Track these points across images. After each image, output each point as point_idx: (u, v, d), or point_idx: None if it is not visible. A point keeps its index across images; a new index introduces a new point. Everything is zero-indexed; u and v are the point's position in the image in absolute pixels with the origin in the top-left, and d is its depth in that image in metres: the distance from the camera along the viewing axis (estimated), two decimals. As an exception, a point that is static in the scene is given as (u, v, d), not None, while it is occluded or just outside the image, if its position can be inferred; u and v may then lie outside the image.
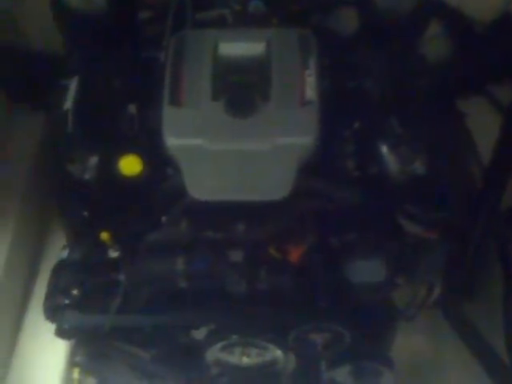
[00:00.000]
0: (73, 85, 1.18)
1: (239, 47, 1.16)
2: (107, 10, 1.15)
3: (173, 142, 1.09)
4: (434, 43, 1.29)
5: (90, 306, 1.18)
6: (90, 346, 1.25)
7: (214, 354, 1.24)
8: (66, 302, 1.17)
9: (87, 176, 1.13)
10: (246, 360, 1.25)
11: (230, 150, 1.08)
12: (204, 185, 1.07)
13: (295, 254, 1.15)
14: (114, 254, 1.19)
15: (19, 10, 1.54)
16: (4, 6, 1.52)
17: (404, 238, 1.15)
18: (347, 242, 1.16)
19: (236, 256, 1.13)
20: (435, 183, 1.14)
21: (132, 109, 1.16)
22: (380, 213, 1.14)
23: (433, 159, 1.13)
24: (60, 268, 1.20)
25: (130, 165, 1.12)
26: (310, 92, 1.11)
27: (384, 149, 1.13)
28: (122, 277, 1.17)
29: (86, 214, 1.17)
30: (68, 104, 1.16)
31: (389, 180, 1.13)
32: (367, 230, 1.15)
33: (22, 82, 1.51)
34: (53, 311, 1.18)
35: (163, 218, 1.15)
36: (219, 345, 1.22)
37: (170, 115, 1.11)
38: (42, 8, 1.28)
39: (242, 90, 1.11)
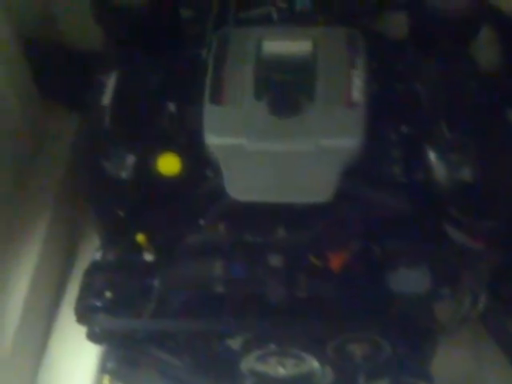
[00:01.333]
0: (111, 81, 1.15)
1: (284, 45, 1.12)
2: (149, 6, 1.13)
3: (213, 140, 1.06)
4: (487, 48, 1.24)
5: (123, 310, 1.14)
6: (121, 352, 1.22)
7: (249, 363, 1.20)
8: (99, 304, 1.14)
9: (123, 174, 1.10)
10: (281, 371, 1.21)
11: (272, 151, 1.05)
12: (244, 185, 1.04)
13: (336, 262, 1.11)
14: (149, 256, 1.16)
15: (57, 8, 1.53)
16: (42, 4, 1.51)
17: (450, 247, 1.11)
18: (390, 249, 1.11)
19: (275, 261, 1.09)
20: (484, 191, 1.09)
21: (172, 107, 1.13)
22: (425, 220, 1.10)
23: (482, 167, 1.08)
24: (93, 270, 1.17)
25: (168, 164, 1.08)
26: (357, 93, 1.08)
27: (432, 154, 1.09)
28: (156, 281, 1.13)
29: (120, 214, 1.14)
30: (106, 100, 1.14)
31: (436, 186, 1.08)
32: (411, 238, 1.11)
33: (58, 81, 1.49)
34: (84, 313, 1.15)
35: (201, 221, 1.12)
36: (255, 354, 1.18)
37: (210, 113, 1.08)
38: (78, 5, 1.27)
39: (285, 89, 1.08)
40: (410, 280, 1.09)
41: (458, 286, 1.13)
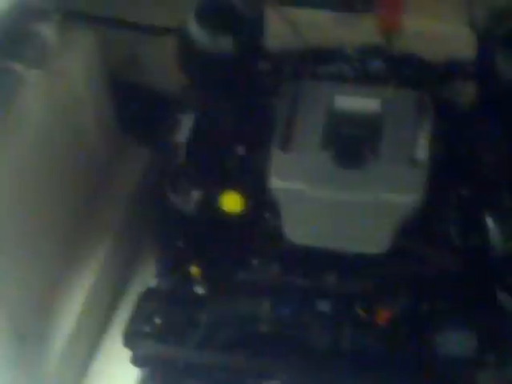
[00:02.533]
0: (187, 120, 1.21)
1: (355, 102, 1.17)
2: (233, 54, 1.17)
3: (277, 184, 1.10)
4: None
5: (170, 338, 1.17)
6: (162, 380, 1.24)
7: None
8: (147, 329, 1.17)
9: (188, 208, 1.15)
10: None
11: (332, 199, 1.08)
12: (302, 230, 1.07)
13: (383, 317, 1.12)
14: (200, 289, 1.19)
15: (142, 50, 1.61)
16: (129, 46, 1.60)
17: (500, 313, 1.10)
18: (439, 309, 1.12)
19: (323, 307, 1.11)
20: None
21: (241, 149, 1.18)
22: (478, 284, 1.10)
23: None
24: (146, 296, 1.21)
25: (231, 202, 1.13)
26: (421, 153, 1.11)
27: (490, 220, 1.10)
28: (205, 313, 1.16)
29: (180, 245, 1.18)
30: (181, 137, 1.20)
31: (491, 252, 1.09)
32: (462, 301, 1.11)
33: (135, 116, 1.56)
34: (132, 337, 1.18)
35: (255, 260, 1.15)
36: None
37: (277, 158, 1.12)
38: (162, 48, 1.33)
39: (351, 142, 1.12)
40: (455, 342, 1.09)
41: (504, 354, 1.12)
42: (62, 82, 1.36)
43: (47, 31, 1.32)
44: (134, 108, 1.56)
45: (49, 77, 1.31)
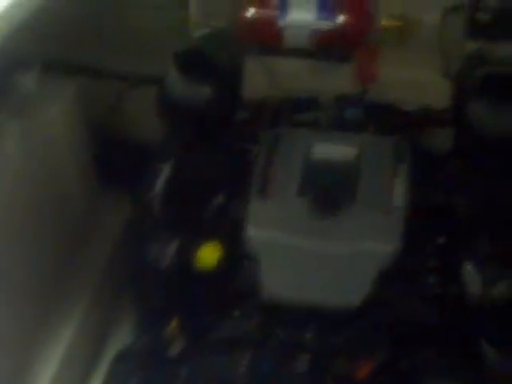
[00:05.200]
0: (164, 171, 1.21)
1: (332, 150, 1.18)
2: (211, 103, 1.18)
3: (254, 233, 1.09)
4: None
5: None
6: None
7: None
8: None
9: (165, 261, 1.14)
10: None
11: (310, 249, 1.07)
12: (280, 281, 1.06)
13: (363, 371, 1.10)
14: (179, 345, 1.16)
15: (122, 100, 1.62)
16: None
17: (482, 365, 1.09)
18: (419, 362, 1.10)
19: (302, 363, 1.09)
20: None
21: (220, 199, 1.18)
22: (459, 335, 1.09)
23: None
24: (123, 355, 1.18)
25: (208, 255, 1.12)
26: (398, 200, 1.11)
27: (468, 267, 1.09)
28: (184, 370, 1.13)
29: (158, 300, 1.16)
30: (157, 189, 1.19)
31: (471, 301, 1.08)
32: (443, 352, 1.10)
33: (114, 166, 1.56)
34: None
35: (234, 313, 1.13)
36: None
37: (255, 207, 1.12)
38: (143, 98, 1.34)
39: (328, 190, 1.11)
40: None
41: None
42: (42, 131, 1.35)
43: (28, 80, 1.32)
44: (114, 158, 1.56)
45: (29, 126, 1.30)
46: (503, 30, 1.31)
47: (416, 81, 1.41)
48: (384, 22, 1.38)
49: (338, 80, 1.43)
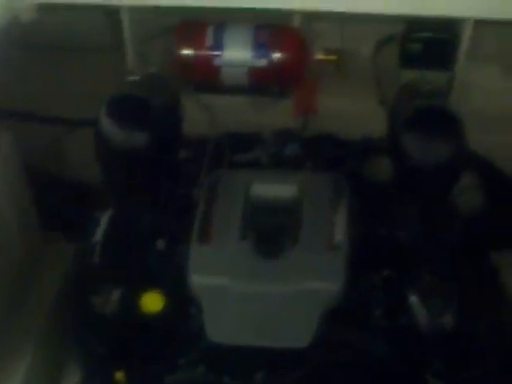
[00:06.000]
0: (104, 218, 1.19)
1: (271, 188, 1.17)
2: (148, 148, 1.16)
3: (196, 280, 1.08)
4: (467, 195, 1.28)
5: None
6: None
7: None
8: None
9: (108, 310, 1.12)
10: None
11: (254, 292, 1.06)
12: (224, 327, 1.04)
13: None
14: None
15: (67, 142, 1.60)
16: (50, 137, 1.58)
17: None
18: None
19: None
20: (467, 339, 1.09)
21: (160, 245, 1.17)
22: (406, 367, 1.09)
23: (464, 313, 1.09)
24: None
25: (151, 302, 1.11)
26: (339, 237, 1.10)
27: (413, 299, 1.10)
28: None
29: (102, 350, 1.14)
30: (98, 236, 1.18)
31: (417, 332, 1.08)
32: None
33: (59, 211, 1.53)
34: None
35: (180, 361, 1.12)
36: None
37: (196, 252, 1.10)
38: (85, 141, 1.32)
39: (270, 231, 1.11)
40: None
41: None
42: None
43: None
44: (56, 204, 1.53)
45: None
46: (434, 59, 1.34)
47: (355, 111, 1.42)
48: (320, 56, 1.39)
49: (278, 114, 1.44)
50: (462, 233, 1.17)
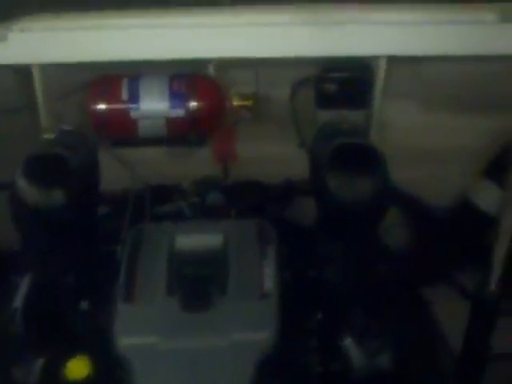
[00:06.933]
0: (23, 284, 1.14)
1: (196, 240, 1.14)
2: (65, 206, 1.12)
3: (124, 341, 1.03)
4: (393, 232, 1.28)
5: None
6: None
7: None
8: None
9: (32, 380, 1.06)
10: None
11: (184, 349, 1.02)
12: None
13: None
14: None
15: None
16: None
17: None
18: None
19: None
20: (403, 378, 1.08)
21: (84, 306, 1.12)
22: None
23: (399, 352, 1.08)
24: None
25: (76, 368, 1.05)
26: (269, 284, 1.08)
27: (347, 341, 1.08)
28: None
29: None
30: (17, 302, 1.12)
31: (353, 375, 1.06)
32: None
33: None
34: None
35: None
36: None
37: (122, 312, 1.06)
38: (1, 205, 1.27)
39: (197, 284, 1.07)
40: None
41: None
42: None
43: None
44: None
45: None
46: (351, 98, 1.35)
47: (275, 155, 1.42)
48: (236, 102, 1.39)
49: (198, 163, 1.42)
50: (392, 270, 1.17)
